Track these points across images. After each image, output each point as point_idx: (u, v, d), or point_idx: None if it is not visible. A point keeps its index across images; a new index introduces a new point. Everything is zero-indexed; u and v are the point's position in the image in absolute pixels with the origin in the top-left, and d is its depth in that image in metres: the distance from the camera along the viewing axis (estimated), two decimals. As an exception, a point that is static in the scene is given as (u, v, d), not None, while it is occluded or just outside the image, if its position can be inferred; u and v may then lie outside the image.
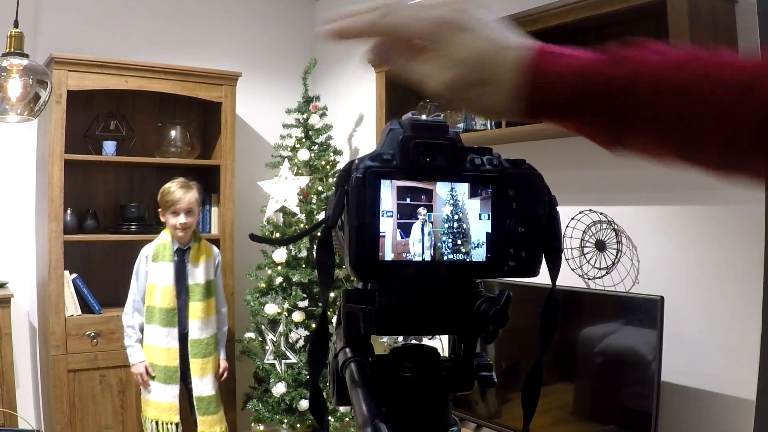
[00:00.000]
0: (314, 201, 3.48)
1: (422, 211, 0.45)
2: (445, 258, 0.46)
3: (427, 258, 0.46)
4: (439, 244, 0.46)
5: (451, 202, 0.46)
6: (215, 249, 3.18)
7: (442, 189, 0.46)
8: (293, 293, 3.34)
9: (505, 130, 2.72)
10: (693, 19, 2.08)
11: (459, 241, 0.46)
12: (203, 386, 2.97)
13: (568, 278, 2.50)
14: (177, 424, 2.89)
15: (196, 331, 2.95)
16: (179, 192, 2.94)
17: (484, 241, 0.47)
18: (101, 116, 3.56)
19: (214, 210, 3.70)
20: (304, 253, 3.46)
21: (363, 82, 3.85)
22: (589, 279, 2.54)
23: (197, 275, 3.00)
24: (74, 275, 3.32)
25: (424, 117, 0.47)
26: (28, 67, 2.03)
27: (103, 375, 3.27)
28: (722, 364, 2.19)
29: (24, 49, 2.08)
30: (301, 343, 3.52)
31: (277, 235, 3.45)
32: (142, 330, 2.95)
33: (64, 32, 3.54)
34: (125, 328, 2.97)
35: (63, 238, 3.22)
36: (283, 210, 3.44)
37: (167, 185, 3.02)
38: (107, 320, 3.30)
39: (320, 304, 3.30)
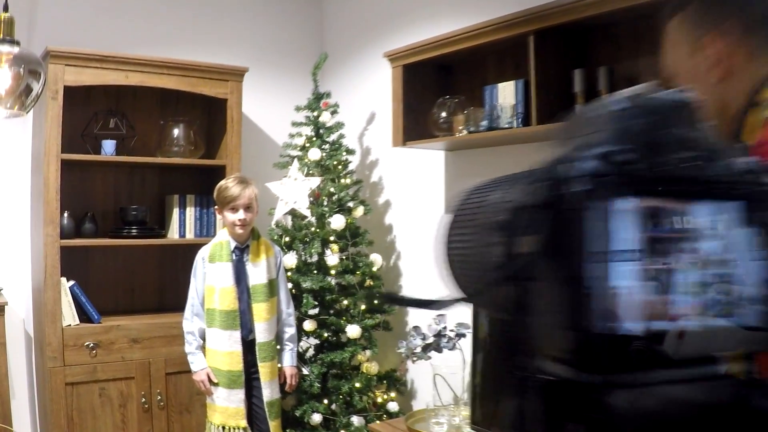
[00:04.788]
0: (326, 203, 3.31)
1: (690, 246, 0.27)
2: (717, 323, 0.28)
3: (695, 325, 0.27)
4: (705, 300, 0.28)
5: (716, 232, 0.28)
6: (276, 247, 3.05)
7: (701, 212, 0.28)
8: (304, 301, 3.17)
9: (535, 128, 2.54)
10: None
11: (728, 295, 0.28)
12: (272, 391, 2.87)
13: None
14: (245, 429, 2.79)
15: (263, 333, 2.83)
16: (237, 188, 2.83)
17: (765, 293, 0.29)
18: (100, 113, 3.42)
19: (220, 212, 3.52)
20: (315, 258, 3.28)
21: (377, 76, 3.68)
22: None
23: (259, 275, 2.86)
24: (72, 282, 3.15)
25: (665, 93, 0.28)
26: (19, 55, 1.81)
27: (102, 388, 3.11)
28: None
29: (15, 36, 1.87)
30: (311, 352, 3.34)
31: (287, 239, 3.28)
32: (203, 335, 2.85)
33: (60, 24, 3.41)
34: (185, 335, 2.87)
35: (60, 243, 3.07)
36: (293, 213, 3.28)
37: (222, 182, 2.92)
38: (107, 330, 3.14)
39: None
